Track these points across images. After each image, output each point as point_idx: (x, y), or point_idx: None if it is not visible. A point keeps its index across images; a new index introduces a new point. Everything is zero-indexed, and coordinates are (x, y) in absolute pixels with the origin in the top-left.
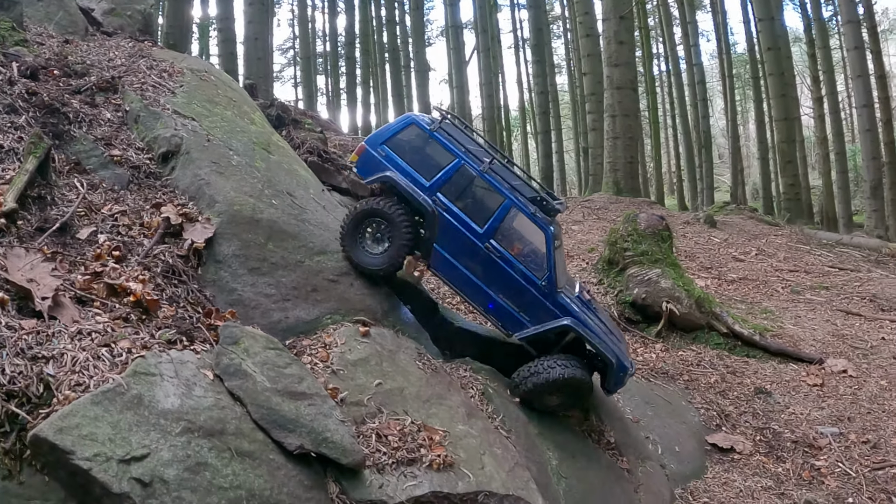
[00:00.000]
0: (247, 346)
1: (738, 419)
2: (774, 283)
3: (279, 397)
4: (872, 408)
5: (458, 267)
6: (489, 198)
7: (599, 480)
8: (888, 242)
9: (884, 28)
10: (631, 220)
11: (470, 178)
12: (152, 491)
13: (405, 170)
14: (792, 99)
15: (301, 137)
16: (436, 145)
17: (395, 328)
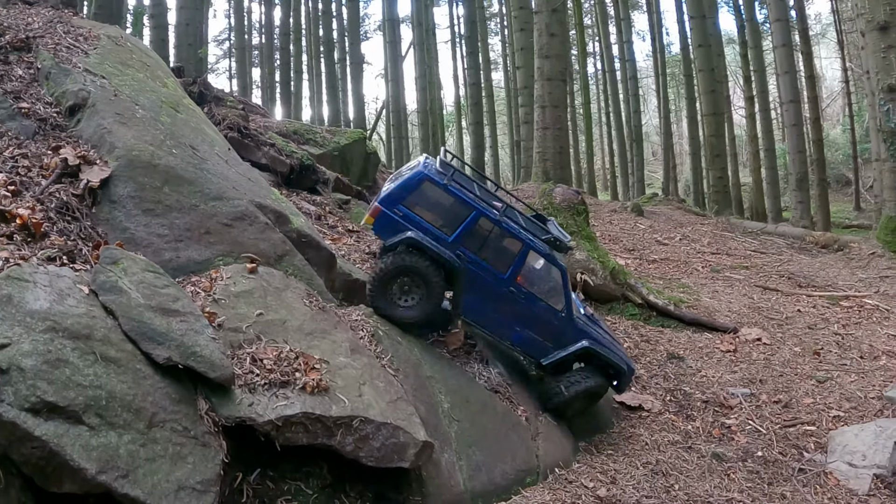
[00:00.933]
0: (125, 266)
1: (649, 381)
2: (695, 263)
3: (152, 312)
4: (785, 371)
5: (486, 311)
6: (508, 244)
7: (494, 426)
8: (812, 231)
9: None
10: (546, 194)
11: (488, 228)
12: (8, 378)
13: (425, 227)
14: (721, 95)
15: (222, 114)
16: (450, 197)
17: (286, 272)
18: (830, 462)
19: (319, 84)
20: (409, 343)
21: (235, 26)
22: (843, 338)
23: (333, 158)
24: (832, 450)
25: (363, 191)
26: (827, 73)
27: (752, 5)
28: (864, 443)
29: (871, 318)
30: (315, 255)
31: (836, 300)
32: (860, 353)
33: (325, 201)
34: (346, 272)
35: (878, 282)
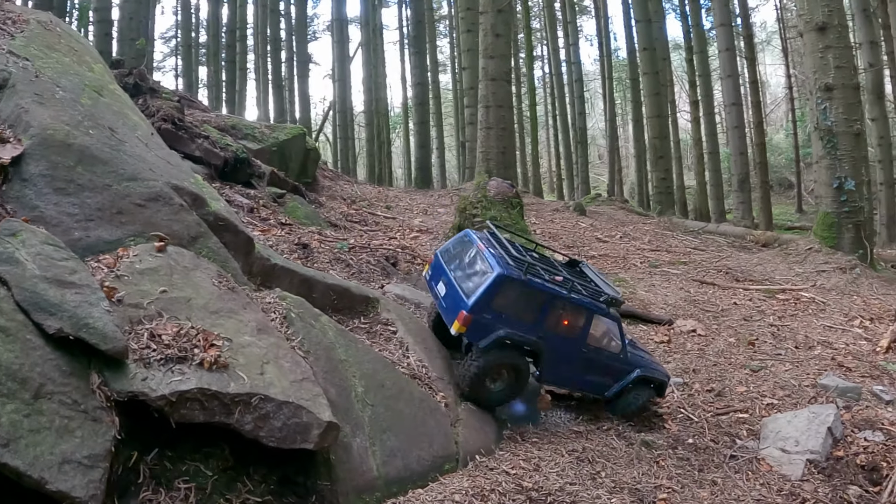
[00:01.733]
0: (24, 238)
1: None
2: (634, 259)
3: (46, 284)
4: (719, 361)
5: (563, 372)
6: (577, 314)
7: (411, 411)
8: (752, 230)
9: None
10: (481, 187)
11: (562, 305)
12: None
13: (512, 322)
14: (665, 98)
15: (157, 105)
16: (527, 288)
17: (199, 253)
18: (763, 448)
19: (266, 83)
20: (324, 326)
21: (182, 23)
22: (778, 329)
23: (272, 154)
24: (765, 436)
25: (299, 185)
26: (771, 79)
27: (698, 11)
28: (798, 429)
29: (807, 311)
30: (232, 238)
31: (772, 293)
32: (795, 344)
33: (260, 195)
34: (264, 257)
35: (814, 276)
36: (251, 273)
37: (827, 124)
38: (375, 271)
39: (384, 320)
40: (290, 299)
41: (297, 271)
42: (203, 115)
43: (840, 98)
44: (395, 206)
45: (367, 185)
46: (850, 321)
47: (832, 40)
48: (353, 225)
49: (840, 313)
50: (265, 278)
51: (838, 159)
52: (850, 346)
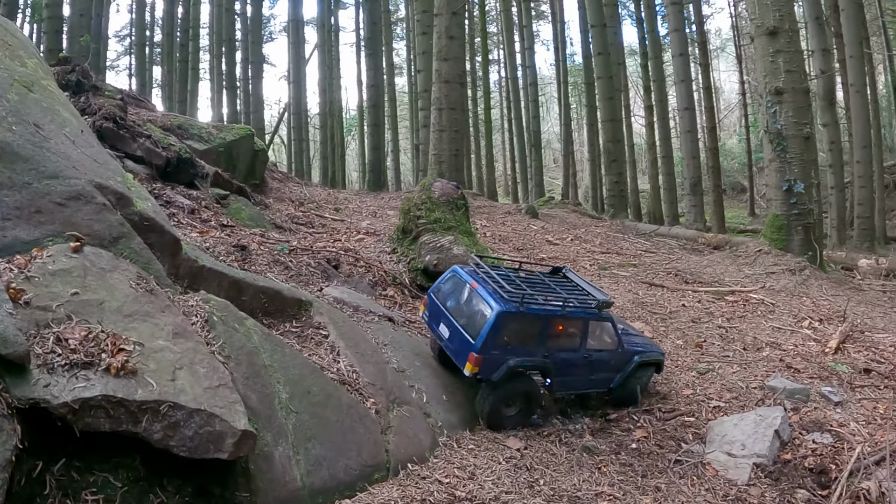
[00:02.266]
0: None
1: None
2: (584, 261)
3: None
4: (666, 364)
5: (568, 380)
6: (575, 325)
7: (338, 418)
8: (704, 233)
9: (715, 46)
10: (426, 188)
11: (560, 322)
12: None
13: (518, 350)
14: (619, 102)
15: (98, 103)
16: (527, 316)
17: (121, 254)
18: (709, 452)
19: (221, 84)
20: (248, 330)
21: (136, 21)
22: (726, 331)
23: (219, 155)
24: (711, 440)
25: (245, 187)
26: (725, 85)
27: (653, 18)
28: (744, 432)
29: (756, 312)
30: (158, 239)
31: (721, 295)
32: (743, 345)
33: (203, 196)
34: (192, 259)
35: (764, 277)
36: (178, 275)
37: (777, 127)
38: (315, 274)
39: (316, 324)
40: (214, 302)
41: (227, 273)
42: (149, 114)
43: (790, 102)
44: (344, 209)
45: (319, 188)
46: (798, 322)
47: (783, 44)
48: (299, 227)
49: (789, 314)
50: (193, 280)
51: (788, 162)
52: (799, 347)
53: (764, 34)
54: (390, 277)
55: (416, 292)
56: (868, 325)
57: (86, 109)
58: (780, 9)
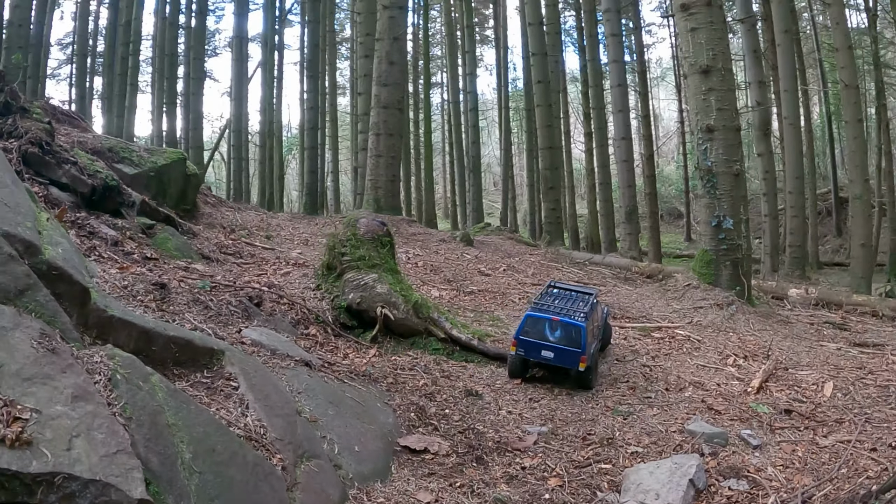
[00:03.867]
0: None
1: (440, 421)
2: (514, 295)
3: None
4: (587, 407)
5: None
6: (598, 314)
7: (242, 477)
8: (638, 262)
9: (656, 75)
10: (351, 224)
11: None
12: None
13: (592, 343)
14: (558, 129)
15: (26, 127)
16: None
17: (26, 308)
18: (623, 502)
19: (162, 98)
20: (153, 387)
21: (78, 30)
22: (650, 369)
23: (150, 179)
24: (626, 489)
25: (172, 216)
26: (665, 113)
27: (595, 47)
28: (659, 481)
29: (682, 349)
30: (67, 289)
31: (648, 331)
32: (666, 385)
33: (128, 226)
34: (101, 308)
35: (691, 312)
36: (87, 325)
37: (707, 164)
38: (236, 313)
39: (227, 374)
40: (119, 358)
41: (136, 323)
42: (81, 134)
43: (721, 139)
44: (276, 236)
45: (253, 212)
46: (724, 360)
47: (715, 83)
48: (227, 257)
49: (715, 351)
50: (102, 331)
51: (717, 198)
52: (722, 386)
53: (697, 72)
54: (313, 315)
55: (339, 331)
56: (793, 362)
57: (12, 132)
58: (714, 48)
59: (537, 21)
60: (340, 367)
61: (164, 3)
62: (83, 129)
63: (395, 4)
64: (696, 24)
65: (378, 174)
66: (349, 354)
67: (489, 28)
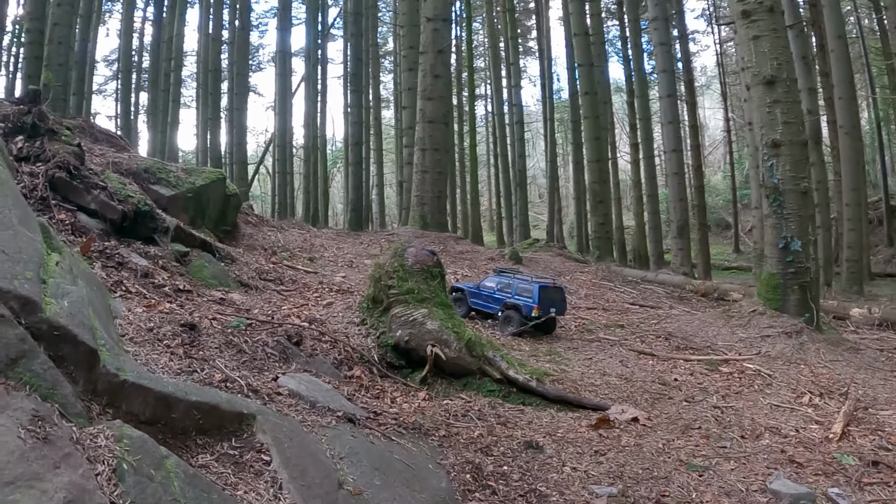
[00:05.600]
0: None
1: (499, 482)
2: (568, 321)
3: None
4: (658, 460)
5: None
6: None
7: None
8: (692, 279)
9: (701, 83)
10: (398, 255)
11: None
12: None
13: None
14: (605, 142)
15: (53, 150)
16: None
17: (18, 380)
18: None
19: (206, 113)
20: (167, 476)
21: (123, 48)
22: (722, 412)
23: (188, 200)
24: None
25: (209, 241)
26: (710, 122)
27: (640, 56)
28: None
29: (753, 386)
30: (71, 351)
31: (715, 365)
32: (741, 432)
33: (161, 253)
34: (112, 372)
35: (759, 341)
36: (95, 392)
37: (773, 182)
38: (273, 356)
39: (258, 445)
40: (128, 440)
41: (153, 388)
42: (116, 155)
43: (787, 155)
44: (319, 257)
45: (297, 230)
46: (798, 398)
47: (780, 94)
48: (267, 284)
49: (788, 388)
50: (113, 398)
51: (784, 218)
52: (801, 431)
53: (761, 83)
54: (357, 354)
55: (385, 371)
56: (870, 398)
57: (40, 156)
58: (778, 57)
59: (583, 32)
60: (387, 417)
61: (208, 20)
62: (121, 147)
63: (439, 17)
64: (758, 32)
65: (424, 190)
66: (397, 399)
67: (532, 39)
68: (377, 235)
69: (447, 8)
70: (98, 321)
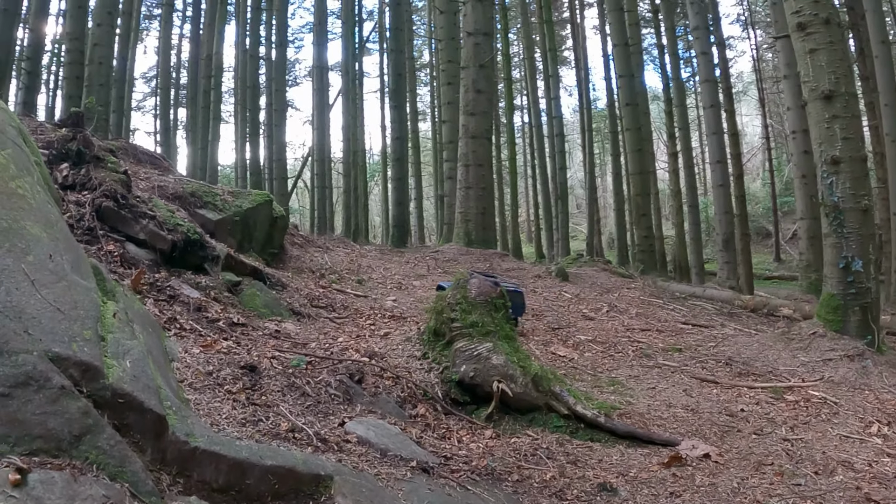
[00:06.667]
0: None
1: None
2: (624, 344)
3: None
4: (734, 501)
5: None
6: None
7: None
8: (740, 294)
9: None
10: (461, 286)
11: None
12: None
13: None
14: (648, 153)
15: (100, 178)
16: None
17: (84, 460)
18: None
19: (245, 129)
20: None
21: (161, 64)
22: (792, 444)
23: (235, 224)
24: None
25: (259, 268)
26: (747, 129)
27: (677, 65)
28: None
29: (820, 415)
30: (137, 419)
31: (780, 393)
32: (814, 467)
33: (213, 283)
34: (181, 439)
35: (821, 366)
36: (164, 461)
37: (833, 200)
38: (336, 398)
39: None
40: None
41: (225, 455)
42: (161, 178)
43: (847, 172)
44: (367, 279)
45: (341, 248)
46: (866, 427)
47: (839, 109)
48: (319, 311)
49: (855, 417)
50: (183, 467)
51: (845, 237)
52: (874, 466)
53: (819, 98)
54: (420, 391)
55: (449, 408)
56: None
57: (86, 184)
58: (836, 70)
59: (622, 42)
60: (459, 461)
61: (245, 36)
62: (164, 169)
63: (480, 31)
64: (815, 45)
65: (468, 206)
66: (463, 438)
67: (567, 49)
68: (422, 253)
69: (488, 22)
70: (160, 374)
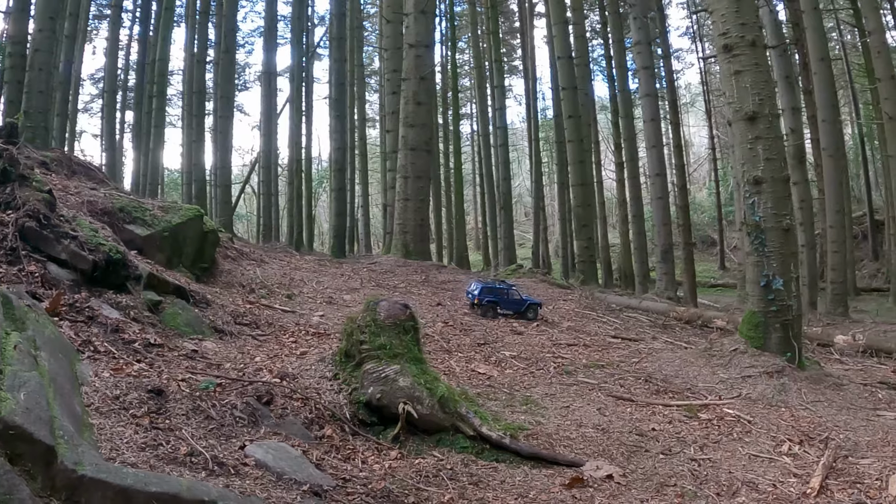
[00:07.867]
0: None
1: None
2: (548, 360)
3: None
4: None
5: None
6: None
7: None
8: (676, 306)
9: (685, 101)
10: (371, 308)
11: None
12: None
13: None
14: (590, 165)
15: (24, 197)
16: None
17: None
18: None
19: (190, 134)
20: None
21: (108, 67)
22: (699, 464)
23: (164, 239)
24: None
25: (184, 285)
26: (695, 139)
27: (625, 77)
28: None
29: (732, 434)
30: (28, 449)
31: (694, 411)
32: (717, 488)
33: (133, 303)
34: (70, 468)
35: (740, 383)
36: (54, 488)
37: (755, 219)
38: (241, 420)
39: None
40: None
41: (111, 482)
42: (92, 192)
43: (769, 192)
44: (298, 294)
45: (277, 261)
46: (777, 446)
47: (762, 130)
48: (243, 329)
49: (767, 435)
50: (71, 494)
51: (766, 256)
52: (779, 486)
53: (742, 119)
54: (329, 412)
55: (357, 429)
56: (851, 443)
57: (10, 203)
58: (760, 92)
59: (566, 55)
60: (356, 484)
61: (193, 40)
62: (98, 181)
63: (421, 43)
64: (740, 67)
65: (406, 218)
66: (368, 459)
67: (517, 59)
68: (360, 265)
69: (430, 34)
70: (58, 403)
